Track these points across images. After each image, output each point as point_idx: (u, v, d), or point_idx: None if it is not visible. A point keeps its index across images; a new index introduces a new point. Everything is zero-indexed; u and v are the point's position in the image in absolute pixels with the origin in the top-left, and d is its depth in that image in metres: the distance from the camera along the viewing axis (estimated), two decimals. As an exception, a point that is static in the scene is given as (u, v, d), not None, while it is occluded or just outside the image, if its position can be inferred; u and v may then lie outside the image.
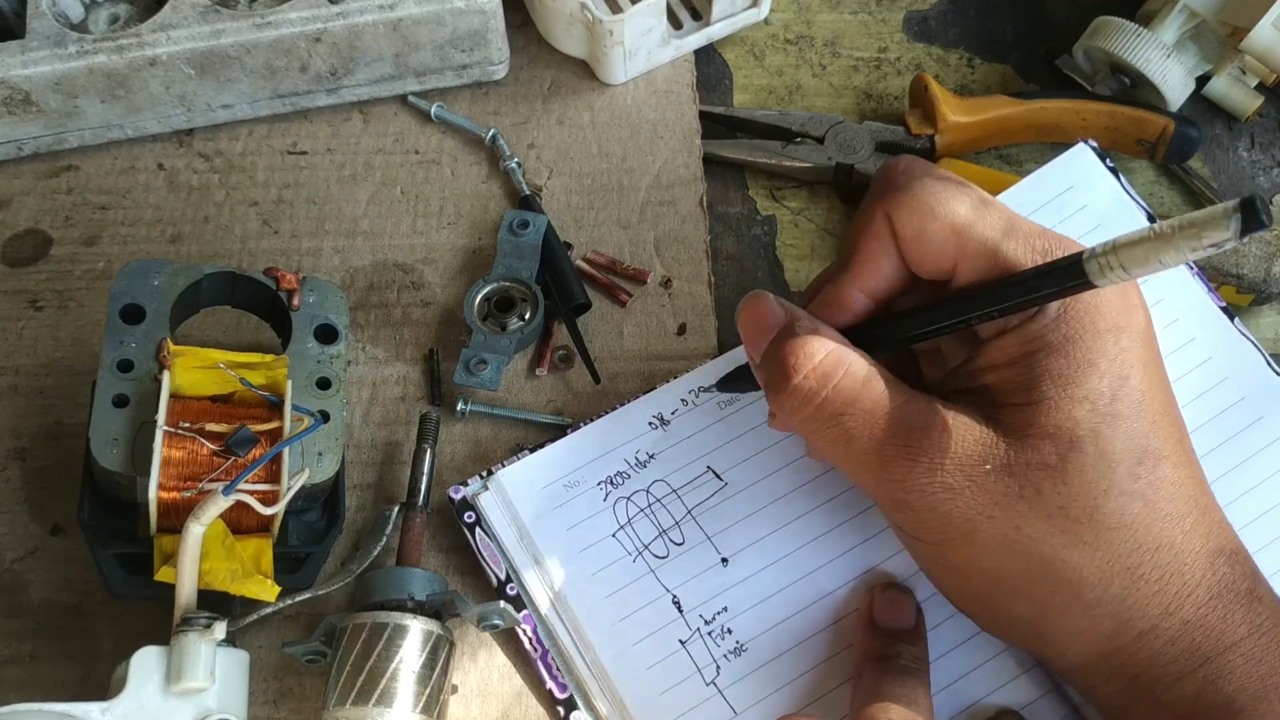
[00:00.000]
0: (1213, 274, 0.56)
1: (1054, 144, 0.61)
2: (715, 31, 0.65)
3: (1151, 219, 0.55)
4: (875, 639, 0.46)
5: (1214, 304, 0.54)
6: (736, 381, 0.50)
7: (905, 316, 0.44)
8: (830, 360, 0.41)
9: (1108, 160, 0.56)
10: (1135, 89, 0.62)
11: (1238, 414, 0.51)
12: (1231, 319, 0.53)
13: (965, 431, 0.40)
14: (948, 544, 0.41)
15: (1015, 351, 0.40)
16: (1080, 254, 0.37)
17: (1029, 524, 0.39)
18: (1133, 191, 0.56)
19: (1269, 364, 0.52)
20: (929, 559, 0.44)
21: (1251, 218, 0.33)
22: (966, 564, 0.42)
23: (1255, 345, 0.53)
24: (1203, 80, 0.63)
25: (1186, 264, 0.54)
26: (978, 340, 0.42)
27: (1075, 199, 0.55)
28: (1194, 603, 0.40)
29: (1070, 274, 0.38)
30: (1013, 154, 0.63)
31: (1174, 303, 0.54)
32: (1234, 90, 0.63)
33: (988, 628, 0.45)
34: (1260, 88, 0.64)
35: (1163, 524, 0.40)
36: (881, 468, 0.41)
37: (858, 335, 0.43)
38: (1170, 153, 0.60)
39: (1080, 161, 0.56)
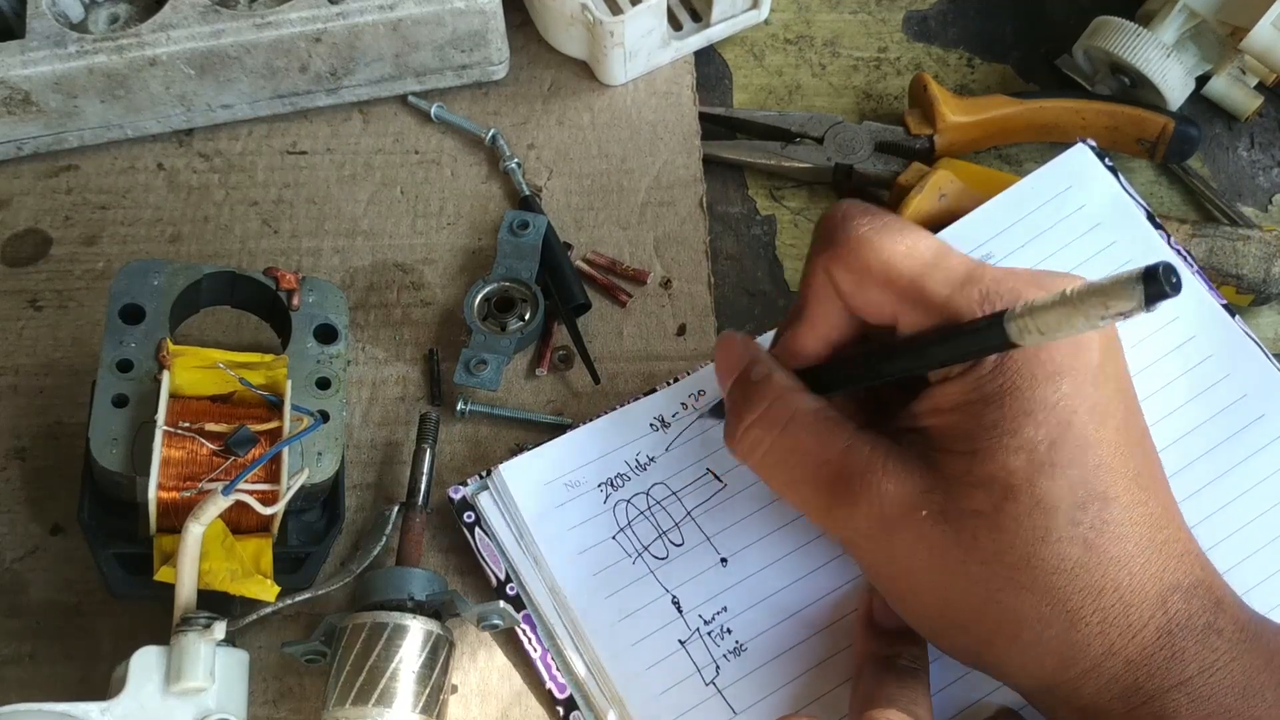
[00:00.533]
0: (1212, 274, 0.56)
1: (1054, 144, 0.61)
2: (715, 33, 0.65)
3: (1151, 218, 0.55)
4: (875, 639, 0.46)
5: (1215, 301, 0.54)
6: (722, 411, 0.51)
7: (845, 365, 0.45)
8: (777, 407, 0.43)
9: (1107, 160, 0.56)
10: (1135, 89, 0.62)
11: (1239, 411, 0.51)
12: (1233, 315, 0.53)
13: (904, 478, 0.41)
14: (894, 579, 0.43)
15: (957, 398, 0.41)
16: (1001, 314, 0.38)
17: (965, 569, 0.40)
18: (1132, 191, 0.56)
19: (1270, 361, 0.52)
20: (882, 590, 0.45)
21: (1154, 289, 0.33)
22: (913, 598, 0.43)
23: (1257, 343, 0.53)
24: (1203, 80, 0.63)
25: (1186, 258, 0.55)
26: (925, 382, 0.42)
27: (1074, 199, 0.55)
28: (1139, 643, 0.40)
29: (991, 334, 0.38)
30: (1012, 154, 0.63)
31: (1175, 301, 0.53)
32: (1234, 90, 0.63)
33: (944, 651, 0.45)
34: (1260, 87, 0.64)
35: (1107, 567, 0.40)
36: (826, 511, 0.43)
37: (814, 376, 0.45)
38: (1170, 152, 0.60)
39: (1079, 161, 0.56)
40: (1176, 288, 0.33)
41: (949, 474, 0.40)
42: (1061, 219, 0.55)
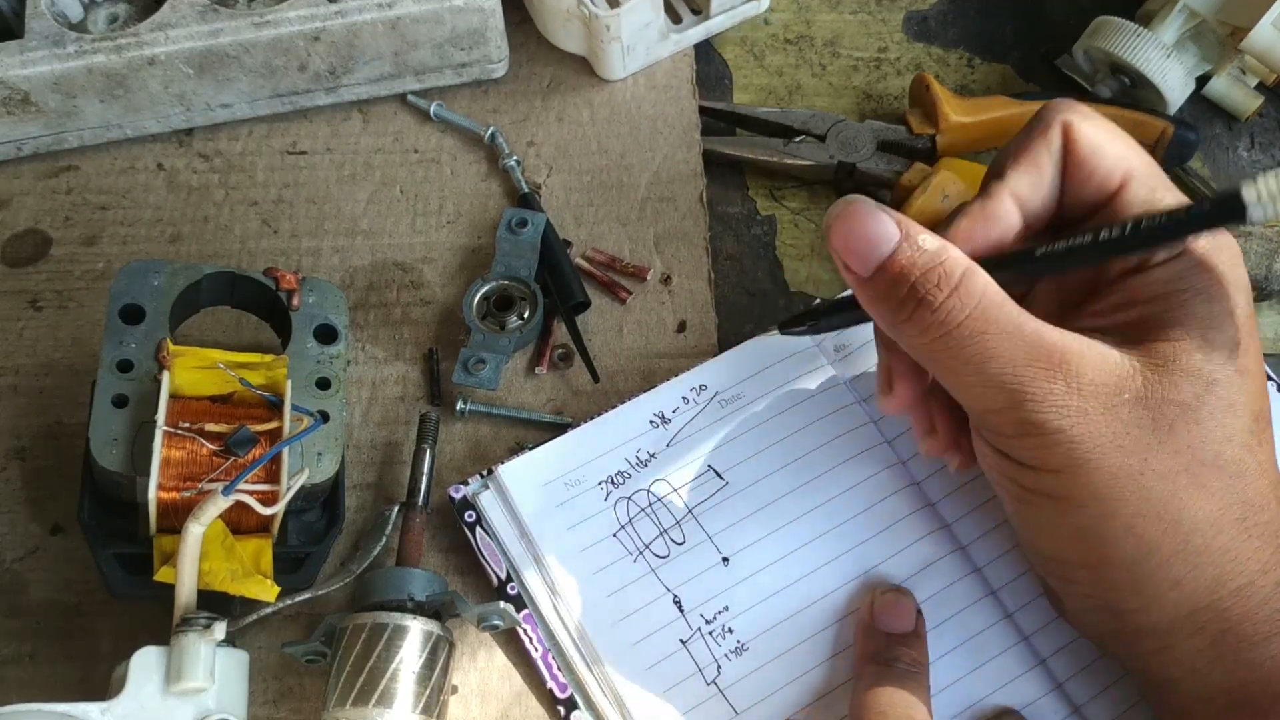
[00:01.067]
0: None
1: (1054, 143, 0.61)
2: (715, 25, 0.65)
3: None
4: (875, 642, 0.46)
5: None
6: (805, 320, 0.51)
7: (1063, 239, 0.42)
8: (971, 278, 0.40)
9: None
10: (1135, 89, 0.62)
11: None
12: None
13: (1104, 358, 0.40)
14: (1067, 472, 0.40)
15: (1158, 288, 0.41)
16: (1238, 189, 0.38)
17: (1157, 459, 0.39)
18: None
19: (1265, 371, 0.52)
20: (1037, 490, 0.42)
21: None
22: (1081, 495, 0.40)
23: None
24: (1203, 80, 0.63)
25: None
26: (1104, 280, 0.43)
27: None
28: None
29: (1229, 205, 0.38)
30: (1013, 153, 0.63)
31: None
32: (1234, 90, 0.63)
33: (1069, 580, 0.44)
34: (1260, 88, 0.64)
35: (1267, 482, 0.41)
36: (1019, 388, 0.39)
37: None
38: (1169, 156, 0.60)
39: None
40: None
41: (1154, 360, 0.40)
42: None
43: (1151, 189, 0.42)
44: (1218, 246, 0.41)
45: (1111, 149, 0.42)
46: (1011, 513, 0.45)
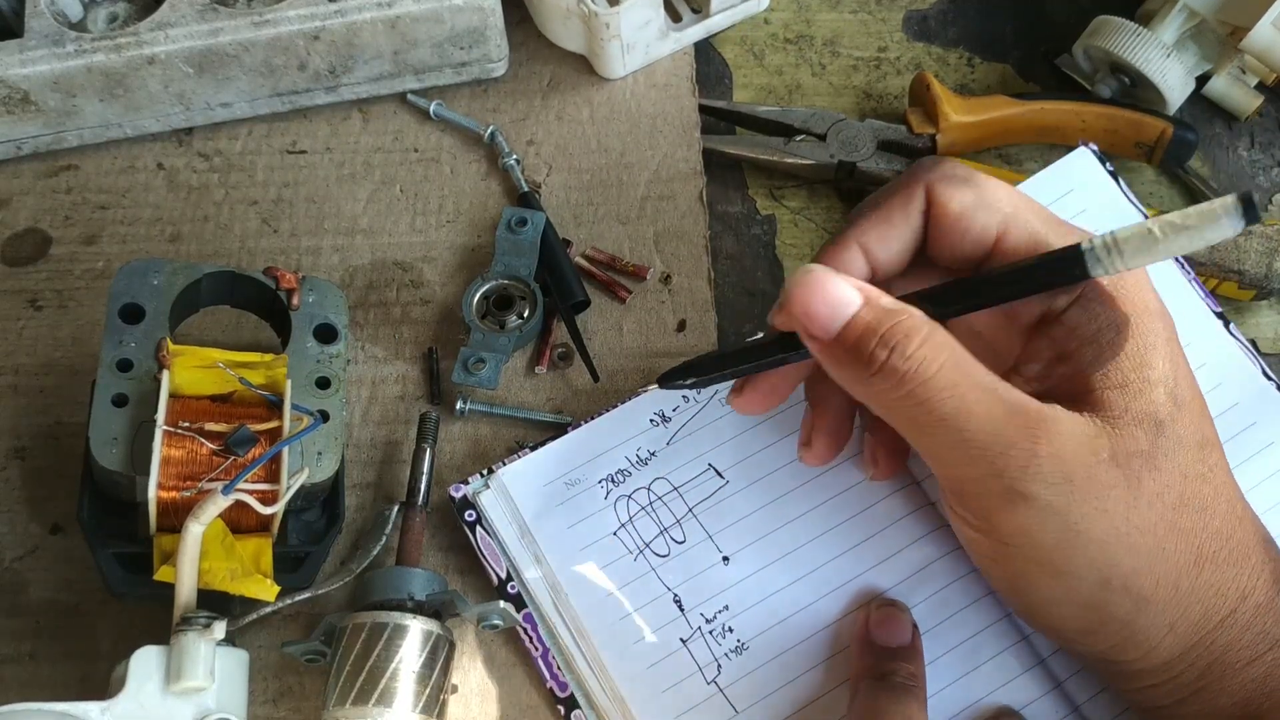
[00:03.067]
0: (1214, 270, 0.56)
1: (1053, 145, 0.61)
2: (715, 23, 0.65)
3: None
4: (870, 656, 0.46)
5: (1209, 309, 0.54)
6: (688, 375, 0.48)
7: (940, 292, 0.42)
8: (937, 333, 0.39)
9: (1108, 165, 0.56)
10: (1135, 88, 0.62)
11: (1231, 420, 0.51)
12: (1226, 325, 0.53)
13: (1073, 422, 0.39)
14: (1061, 548, 0.39)
15: (1079, 334, 0.40)
16: (1073, 247, 0.39)
17: (1136, 514, 0.39)
18: (1132, 196, 0.56)
19: (1263, 371, 0.52)
20: (1027, 572, 0.41)
21: (1251, 213, 0.35)
22: (1077, 567, 0.40)
23: (1249, 350, 0.53)
24: (1203, 80, 0.63)
25: (1180, 264, 0.55)
26: (1025, 338, 0.42)
27: (1075, 202, 0.55)
28: (1262, 587, 0.41)
29: (1071, 262, 0.39)
30: (1012, 154, 0.63)
31: (1170, 306, 0.53)
32: (1234, 90, 0.63)
33: (1067, 642, 0.44)
34: (1260, 87, 0.64)
35: (1228, 509, 0.41)
36: (1001, 452, 0.38)
37: None
38: (1168, 156, 0.60)
39: (1081, 165, 0.56)
40: (1257, 217, 0.36)
41: (1109, 414, 0.39)
42: None
43: (1032, 234, 0.42)
44: (1116, 279, 0.40)
45: (979, 207, 0.42)
46: (1002, 590, 0.45)
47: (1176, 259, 0.54)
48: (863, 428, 0.49)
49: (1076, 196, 0.55)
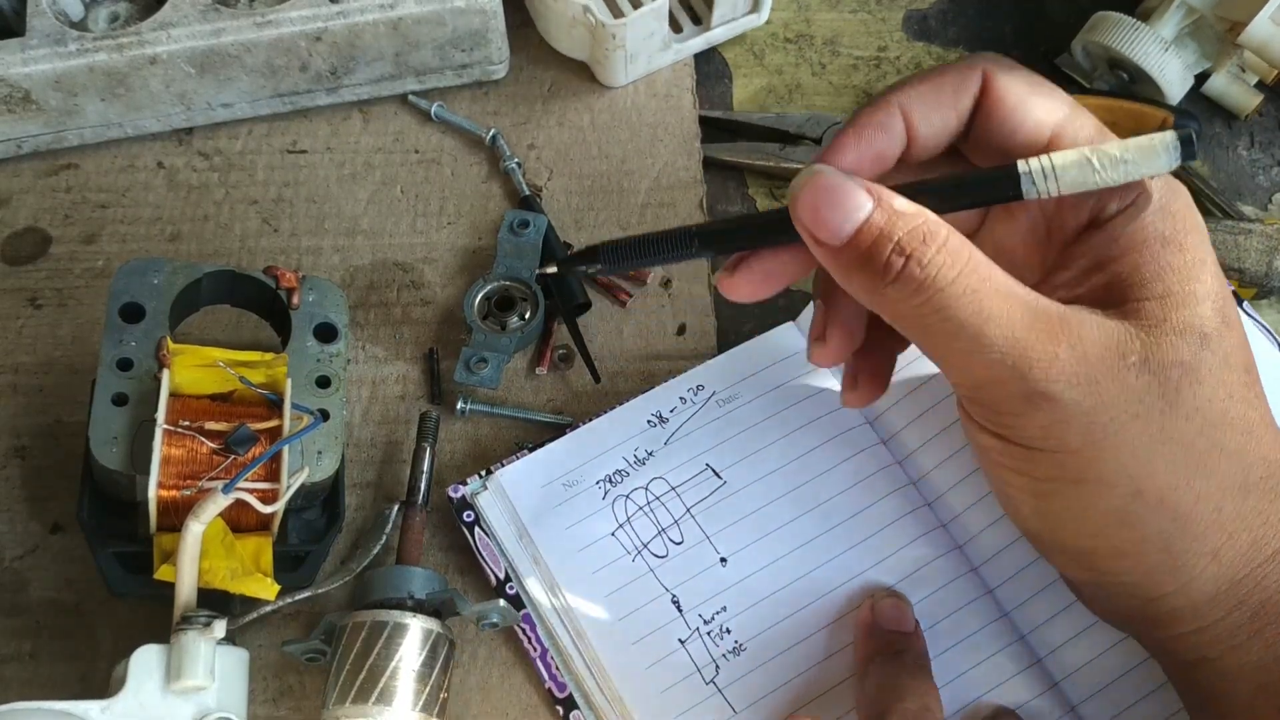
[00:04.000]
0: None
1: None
2: (715, 36, 0.65)
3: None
4: (879, 639, 0.46)
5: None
6: (581, 261, 0.44)
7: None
8: (956, 236, 0.37)
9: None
10: (1134, 85, 0.62)
11: None
12: (1240, 303, 0.53)
13: (1101, 324, 0.37)
14: (1088, 450, 0.37)
15: (1124, 242, 0.38)
16: (1009, 165, 0.38)
17: (1173, 424, 0.37)
18: None
19: (1276, 344, 0.52)
20: (1054, 477, 0.39)
21: (1189, 150, 0.36)
22: (1109, 474, 0.37)
23: (1266, 329, 0.52)
24: (1202, 79, 0.63)
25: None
26: (1064, 243, 0.40)
27: None
28: None
29: (1006, 182, 0.38)
30: (1012, 153, 0.63)
31: None
32: (1233, 88, 0.63)
33: (1099, 571, 0.41)
34: (1260, 85, 0.64)
35: (1272, 438, 0.39)
36: (1022, 354, 0.36)
37: None
38: (1170, 148, 0.60)
39: None
40: (1194, 154, 0.36)
41: (1145, 322, 0.37)
42: None
43: (1079, 145, 0.39)
44: (1171, 189, 0.39)
45: (1036, 102, 0.40)
46: (1026, 510, 0.41)
47: None
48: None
49: None
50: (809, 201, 0.38)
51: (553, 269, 0.45)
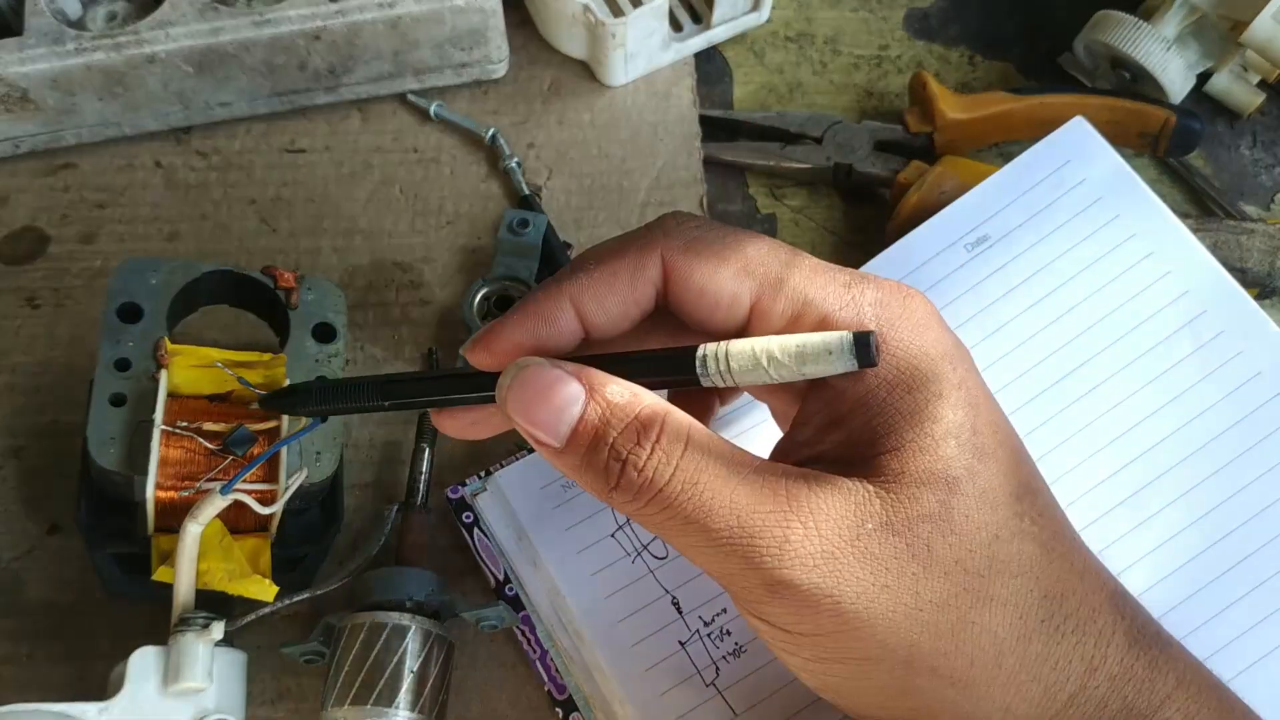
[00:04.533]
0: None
1: (1055, 141, 0.61)
2: (716, 35, 0.65)
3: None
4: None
5: (1227, 274, 0.52)
6: (288, 399, 0.44)
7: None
8: (672, 428, 0.35)
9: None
10: (1136, 84, 0.62)
11: (1253, 390, 0.50)
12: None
13: (834, 488, 0.35)
14: (843, 632, 0.35)
15: (853, 397, 0.36)
16: (693, 349, 0.35)
17: (928, 587, 0.34)
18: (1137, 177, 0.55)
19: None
20: (821, 658, 0.37)
21: (865, 355, 0.33)
22: (869, 651, 0.35)
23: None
24: (1204, 78, 0.63)
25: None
26: (798, 395, 0.38)
27: (1073, 173, 0.54)
28: (1114, 654, 0.36)
29: (684, 368, 0.36)
30: (1013, 151, 0.62)
31: (1184, 273, 0.52)
32: (1235, 87, 0.63)
33: None
34: (1262, 84, 0.63)
35: (1059, 566, 0.36)
36: (750, 543, 0.34)
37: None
38: (1172, 146, 0.60)
39: (1076, 136, 0.55)
40: (876, 359, 0.34)
41: (884, 477, 0.35)
42: (1061, 194, 0.54)
43: (805, 302, 0.37)
44: (888, 327, 0.36)
45: (728, 276, 0.37)
46: (812, 683, 0.39)
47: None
48: None
49: (1074, 167, 0.54)
50: (519, 400, 0.36)
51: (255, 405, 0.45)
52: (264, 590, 0.45)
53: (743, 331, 0.38)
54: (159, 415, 0.46)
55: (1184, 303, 0.52)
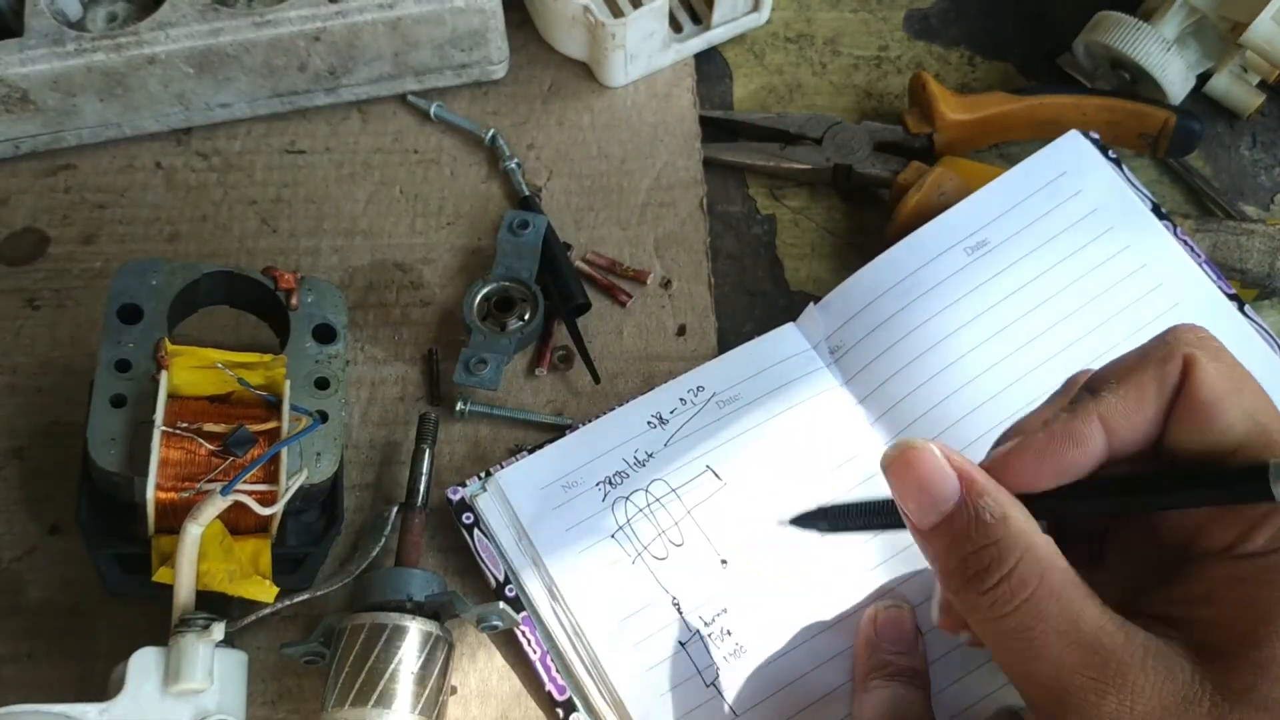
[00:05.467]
0: (1217, 269, 0.56)
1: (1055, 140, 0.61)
2: (716, 35, 0.65)
3: (1156, 210, 0.55)
4: (878, 655, 0.45)
5: (1219, 291, 0.53)
6: (822, 520, 0.45)
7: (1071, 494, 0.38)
8: (1026, 566, 0.35)
9: (1110, 153, 0.56)
10: (1135, 84, 0.62)
11: None
12: (1241, 306, 0.53)
13: (1166, 676, 0.34)
14: None
15: (1247, 588, 0.35)
16: (1267, 463, 0.34)
17: None
18: (1136, 181, 0.56)
19: (1277, 349, 0.52)
20: None
21: None
22: None
23: (1265, 331, 0.52)
24: (1204, 79, 0.63)
25: (1191, 248, 0.54)
26: (1193, 555, 0.37)
27: (1068, 185, 0.55)
28: None
29: (1256, 482, 0.34)
30: (1013, 152, 0.63)
31: (1175, 290, 0.53)
32: (1235, 88, 0.63)
33: None
34: (1262, 85, 0.63)
35: None
36: (1064, 694, 0.35)
37: (1030, 501, 0.38)
38: (1172, 146, 0.60)
39: (1072, 149, 0.56)
40: None
41: (1226, 685, 0.34)
42: (1056, 205, 0.55)
43: (1270, 443, 0.36)
44: None
45: (1236, 401, 0.36)
46: None
47: (1187, 244, 0.54)
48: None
49: (1069, 179, 0.55)
50: (898, 472, 0.38)
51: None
52: (264, 591, 0.45)
53: (1218, 463, 0.37)
54: (159, 416, 0.46)
55: (1175, 315, 0.53)
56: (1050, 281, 0.53)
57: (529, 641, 0.49)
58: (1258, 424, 0.36)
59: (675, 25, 0.65)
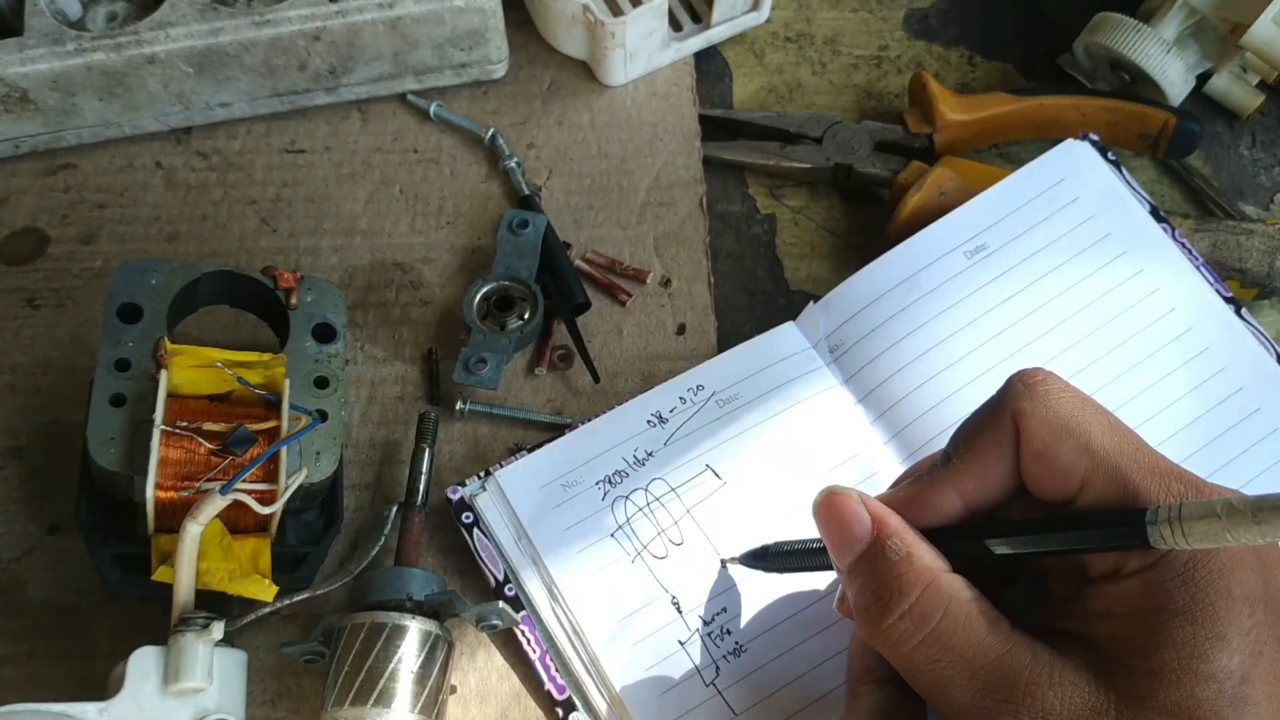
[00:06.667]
0: (1216, 269, 0.56)
1: (1055, 141, 0.61)
2: (715, 34, 0.65)
3: (1155, 212, 0.55)
4: (871, 658, 0.45)
5: (1215, 293, 0.54)
6: (764, 561, 0.47)
7: (967, 534, 0.40)
8: (928, 600, 0.38)
9: (1110, 154, 0.56)
10: (1135, 85, 0.62)
11: (1236, 404, 0.51)
12: (1237, 308, 0.53)
13: (1073, 691, 0.36)
14: None
15: (1135, 603, 0.37)
16: (1143, 511, 0.36)
17: None
18: (1135, 185, 0.56)
19: (1270, 353, 0.52)
20: None
21: None
22: None
23: (1260, 334, 0.53)
24: (1204, 79, 0.63)
25: (1189, 251, 0.54)
26: (1089, 576, 0.39)
27: (1067, 191, 0.55)
28: None
29: (1131, 530, 0.36)
30: (1013, 152, 0.63)
31: (1172, 291, 0.54)
32: (1235, 88, 0.63)
33: None
34: (1261, 86, 0.63)
35: None
36: (979, 718, 0.37)
37: (941, 538, 0.40)
38: (1172, 147, 0.60)
39: (1071, 155, 0.56)
40: None
41: (1125, 693, 0.36)
42: (1055, 211, 0.55)
43: (1121, 487, 0.37)
44: (1208, 553, 0.36)
45: (1066, 444, 0.38)
46: None
47: (1185, 248, 0.54)
48: None
49: (1068, 186, 0.55)
50: (821, 516, 0.41)
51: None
52: (264, 590, 0.45)
53: (1070, 507, 0.39)
54: (159, 415, 0.46)
55: (1172, 319, 0.53)
56: (1048, 286, 0.54)
57: (528, 641, 0.49)
58: (1095, 459, 0.38)
59: (675, 24, 0.65)
